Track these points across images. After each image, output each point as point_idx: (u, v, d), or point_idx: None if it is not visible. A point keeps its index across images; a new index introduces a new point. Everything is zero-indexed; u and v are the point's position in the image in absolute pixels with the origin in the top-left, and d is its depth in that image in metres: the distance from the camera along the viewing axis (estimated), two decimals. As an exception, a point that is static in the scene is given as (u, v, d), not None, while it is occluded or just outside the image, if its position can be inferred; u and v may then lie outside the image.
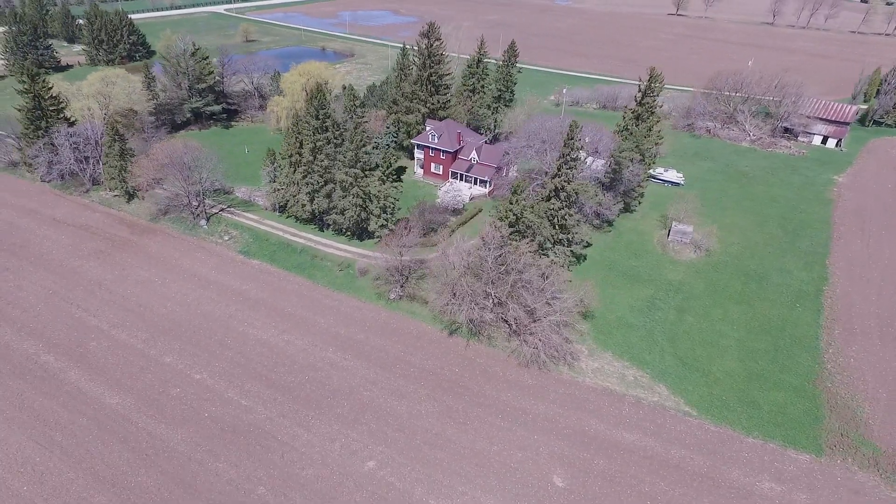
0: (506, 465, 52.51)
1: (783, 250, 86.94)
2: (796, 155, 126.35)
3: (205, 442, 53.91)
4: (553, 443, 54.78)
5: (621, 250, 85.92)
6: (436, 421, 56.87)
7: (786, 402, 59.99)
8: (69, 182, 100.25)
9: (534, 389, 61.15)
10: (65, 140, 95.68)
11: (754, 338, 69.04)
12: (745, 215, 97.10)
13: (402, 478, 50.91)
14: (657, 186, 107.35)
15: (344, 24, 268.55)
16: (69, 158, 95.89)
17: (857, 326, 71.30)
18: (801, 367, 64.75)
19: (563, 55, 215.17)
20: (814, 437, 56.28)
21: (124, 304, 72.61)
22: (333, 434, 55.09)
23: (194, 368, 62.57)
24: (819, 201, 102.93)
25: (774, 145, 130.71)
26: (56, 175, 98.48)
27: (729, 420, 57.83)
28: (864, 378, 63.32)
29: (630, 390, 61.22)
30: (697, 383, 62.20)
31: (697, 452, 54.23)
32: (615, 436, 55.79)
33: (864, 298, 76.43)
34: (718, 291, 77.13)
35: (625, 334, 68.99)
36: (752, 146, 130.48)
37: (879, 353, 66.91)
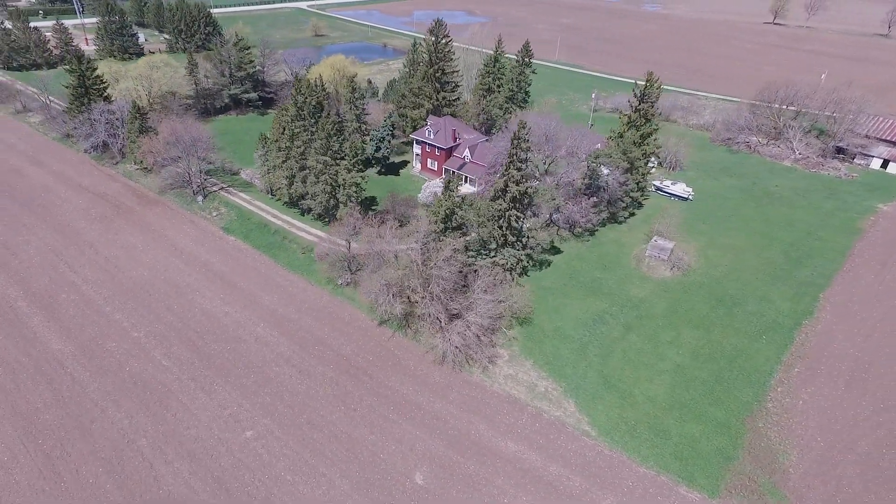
0: (375, 455, 52.72)
1: (775, 278, 79.36)
2: (843, 178, 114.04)
3: (115, 392, 58.57)
4: (432, 441, 54.20)
5: (592, 261, 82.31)
6: (328, 403, 58.05)
7: (700, 437, 55.27)
8: (103, 154, 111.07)
9: (438, 387, 60.63)
10: (100, 116, 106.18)
11: (698, 365, 63.97)
12: (749, 237, 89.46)
13: (272, 451, 52.64)
14: (662, 199, 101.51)
15: (421, 23, 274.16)
16: (101, 132, 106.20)
17: (823, 367, 63.96)
18: (737, 402, 59.25)
19: (627, 62, 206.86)
20: (716, 476, 51.56)
21: (104, 264, 79.86)
22: (229, 402, 57.84)
23: (136, 327, 67.86)
24: (845, 229, 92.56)
25: (821, 166, 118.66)
26: (91, 147, 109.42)
27: (627, 446, 54.29)
28: (806, 423, 56.91)
29: (535, 401, 59.04)
30: (611, 404, 58.79)
31: (578, 473, 51.49)
32: (498, 444, 54.19)
33: (847, 338, 68.28)
34: (679, 313, 71.99)
35: (556, 345, 66.38)
36: (794, 165, 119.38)
37: (838, 399, 59.73)
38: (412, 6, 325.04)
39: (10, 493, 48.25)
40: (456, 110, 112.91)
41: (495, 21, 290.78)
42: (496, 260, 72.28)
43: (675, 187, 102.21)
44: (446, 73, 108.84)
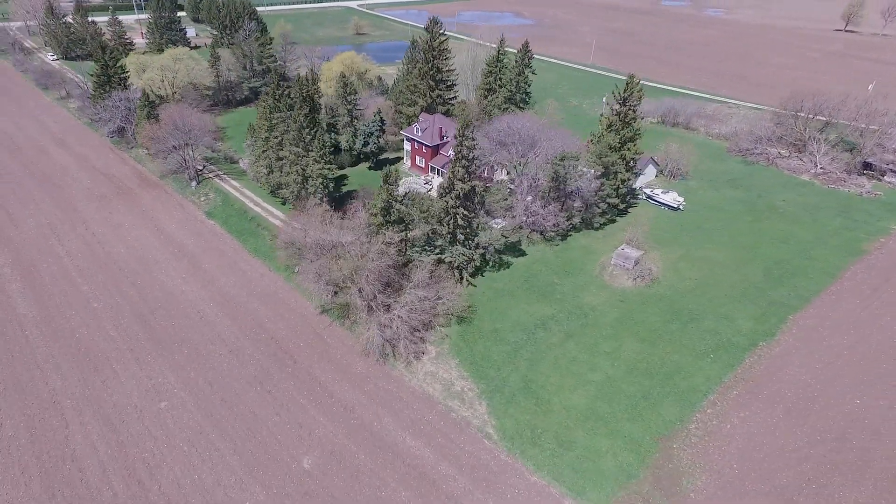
0: (273, 436, 54.06)
1: (745, 295, 74.80)
2: (864, 196, 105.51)
3: (59, 356, 62.92)
4: (332, 429, 54.97)
5: (553, 265, 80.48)
6: (246, 383, 59.96)
7: (606, 452, 53.16)
8: (121, 139, 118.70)
9: (356, 378, 61.34)
10: (118, 103, 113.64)
11: (630, 379, 61.40)
12: (731, 251, 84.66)
13: (178, 422, 55.05)
14: (652, 208, 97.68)
15: (465, 24, 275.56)
16: (118, 118, 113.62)
17: (766, 392, 59.86)
18: (658, 420, 56.50)
19: (672, 67, 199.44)
20: (609, 493, 49.50)
21: (90, 240, 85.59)
22: (156, 374, 60.88)
23: (97, 299, 72.49)
24: (844, 249, 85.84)
25: (843, 182, 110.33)
26: (110, 132, 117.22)
27: (526, 454, 53.01)
28: (726, 448, 53.58)
29: (447, 400, 58.65)
30: (524, 410, 57.51)
31: (466, 475, 50.82)
32: (397, 438, 54.27)
33: (803, 364, 63.54)
34: (627, 325, 69.24)
35: (488, 347, 65.53)
36: (812, 180, 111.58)
37: (771, 427, 55.80)
38: (460, 7, 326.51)
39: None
40: (452, 109, 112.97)
41: (540, 23, 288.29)
42: (443, 257, 72.00)
43: (666, 196, 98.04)
44: (441, 70, 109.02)
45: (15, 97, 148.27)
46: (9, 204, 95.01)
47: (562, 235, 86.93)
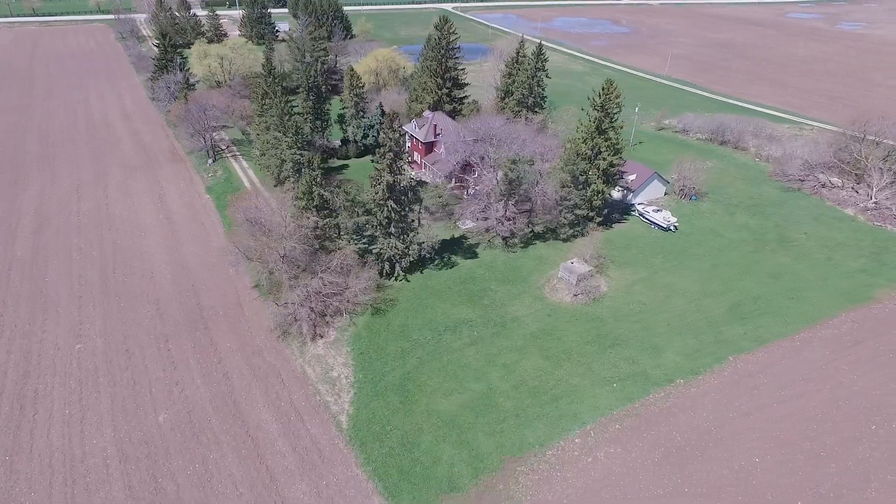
0: (149, 388, 58.35)
1: (691, 329, 67.82)
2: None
3: (24, 295, 72.29)
4: (202, 392, 58.10)
5: (498, 271, 78.13)
6: (154, 340, 65.11)
7: (445, 460, 51.32)
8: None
9: (250, 350, 64.22)
10: (169, 84, 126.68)
11: (512, 394, 58.40)
12: (703, 281, 76.93)
13: (80, 364, 61.17)
14: (642, 226, 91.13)
15: (554, 29, 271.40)
16: (167, 98, 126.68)
17: (653, 432, 54.22)
18: (518, 440, 53.36)
19: (762, 84, 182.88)
20: (425, 500, 47.88)
21: (101, 202, 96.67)
22: (87, 320, 67.99)
23: (80, 251, 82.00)
24: (846, 295, 74.60)
25: (895, 221, 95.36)
26: (164, 111, 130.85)
27: (365, 447, 52.62)
28: (573, 480, 49.60)
29: (319, 384, 59.69)
30: (386, 405, 56.98)
31: (296, 456, 51.65)
32: (253, 410, 56.31)
33: (712, 411, 56.64)
34: (540, 340, 65.72)
35: (388, 341, 65.48)
36: (857, 215, 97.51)
37: (638, 467, 50.61)
38: (556, 13, 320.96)
39: None
40: (462, 108, 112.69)
41: (635, 32, 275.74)
42: (371, 248, 72.80)
43: (656, 215, 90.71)
44: (449, 69, 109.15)
45: (112, 76, 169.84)
46: (58, 164, 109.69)
47: (524, 243, 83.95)
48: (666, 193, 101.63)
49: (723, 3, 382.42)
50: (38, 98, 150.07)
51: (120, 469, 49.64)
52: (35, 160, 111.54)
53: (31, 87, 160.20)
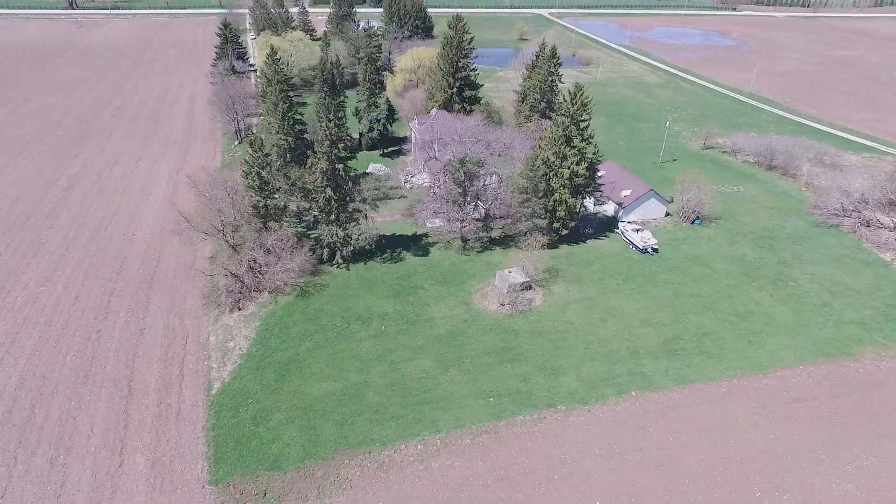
0: (73, 331, 65.00)
1: (607, 357, 62.71)
2: (952, 297, 76.18)
3: (20, 241, 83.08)
4: (108, 344, 63.47)
5: (440, 272, 77.22)
6: (103, 293, 72.19)
7: (285, 441, 52.15)
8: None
9: (175, 314, 69.02)
10: (221, 71, 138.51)
11: (385, 390, 57.72)
12: (653, 310, 70.68)
13: (35, 307, 68.87)
14: (621, 245, 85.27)
15: (647, 39, 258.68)
16: (220, 82, 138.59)
17: (494, 452, 51.18)
18: (363, 435, 52.76)
19: (870, 109, 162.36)
20: (247, 472, 49.24)
21: (128, 170, 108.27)
22: (60, 269, 76.74)
23: (86, 211, 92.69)
24: (817, 346, 65.00)
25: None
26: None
27: (217, 418, 54.78)
28: (366, 484, 48.40)
29: (213, 351, 62.89)
30: (260, 379, 58.83)
31: (150, 415, 55.04)
32: (140, 367, 60.31)
33: (575, 444, 52.23)
34: (441, 345, 64.10)
35: (297, 322, 67.32)
36: (894, 261, 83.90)
37: (453, 476, 48.21)
38: (659, 22, 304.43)
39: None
40: (473, 108, 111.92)
41: (742, 45, 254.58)
42: (309, 233, 75.23)
43: (634, 235, 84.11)
44: (460, 69, 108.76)
45: (200, 63, 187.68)
46: (114, 136, 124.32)
47: (482, 247, 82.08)
48: (668, 214, 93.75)
49: (861, 16, 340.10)
50: (132, 78, 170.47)
51: (10, 395, 56.11)
52: (98, 131, 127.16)
53: (133, 69, 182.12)
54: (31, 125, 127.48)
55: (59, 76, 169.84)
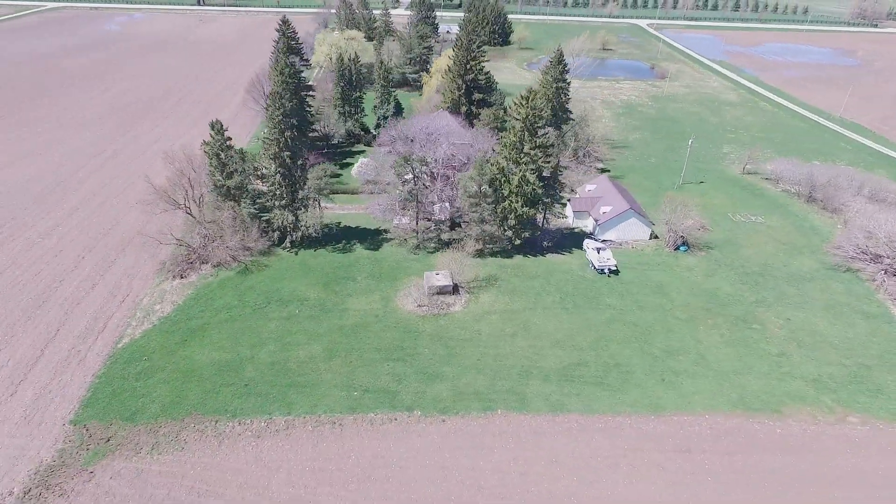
0: (39, 280, 74.37)
1: (497, 373, 60.34)
2: (959, 369, 63.89)
3: (51, 196, 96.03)
4: (69, 292, 71.67)
5: (380, 268, 78.06)
6: (83, 254, 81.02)
7: (154, 398, 56.16)
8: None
9: (128, 276, 75.85)
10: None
11: (265, 369, 59.99)
12: (574, 332, 66.68)
13: (27, 256, 79.30)
14: (581, 262, 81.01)
15: (747, 54, 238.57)
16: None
17: (321, 434, 51.46)
18: (222, 404, 55.47)
19: None
20: (107, 419, 53.92)
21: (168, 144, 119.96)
22: (61, 226, 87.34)
23: (112, 179, 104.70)
24: (736, 395, 57.94)
25: (953, 340, 68.10)
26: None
27: (109, 368, 59.74)
28: (218, 443, 50.66)
29: (138, 311, 68.62)
30: (163, 344, 63.05)
31: (58, 356, 61.20)
32: (76, 313, 67.55)
33: (384, 445, 50.99)
34: (340, 334, 65.24)
35: (224, 296, 71.33)
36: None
37: (277, 454, 49.27)
38: (771, 38, 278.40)
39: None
40: (481, 111, 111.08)
41: (864, 66, 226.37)
42: (261, 215, 79.52)
43: (595, 254, 79.07)
44: (468, 71, 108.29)
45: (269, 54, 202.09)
46: (169, 119, 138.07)
47: (435, 247, 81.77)
48: (655, 237, 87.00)
49: None
50: (214, 69, 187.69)
51: (-34, 321, 65.65)
52: (159, 112, 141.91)
53: (223, 60, 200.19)
54: (107, 104, 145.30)
55: (157, 63, 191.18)
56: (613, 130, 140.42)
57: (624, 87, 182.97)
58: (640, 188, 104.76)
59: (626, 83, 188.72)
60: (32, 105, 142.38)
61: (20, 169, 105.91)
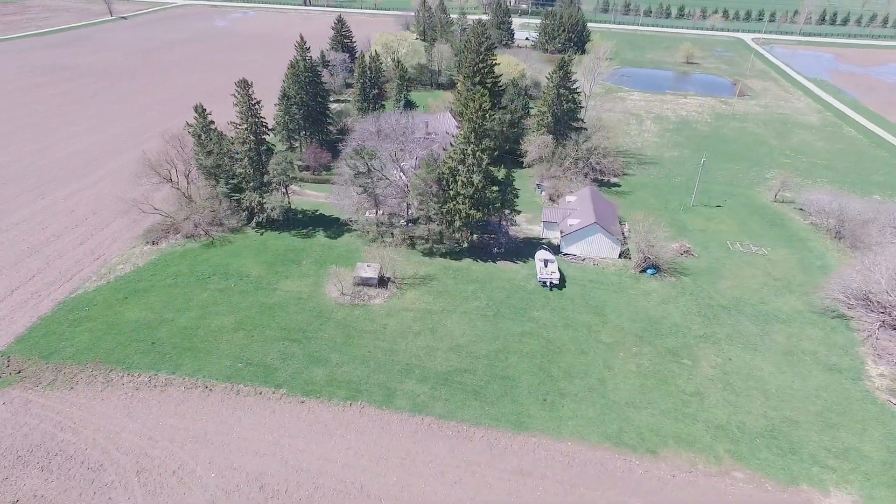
0: (45, 230, 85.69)
1: (383, 367, 60.57)
2: (915, 444, 54.57)
3: (77, 158, 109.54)
4: (67, 242, 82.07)
5: (329, 254, 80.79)
6: (88, 217, 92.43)
7: (77, 344, 63.02)
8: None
9: (114, 239, 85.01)
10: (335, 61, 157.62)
11: (176, 332, 64.64)
12: (468, 340, 65.10)
13: (46, 212, 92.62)
14: (529, 273, 78.71)
15: (861, 75, 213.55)
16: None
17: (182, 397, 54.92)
18: (126, 357, 61.02)
19: None
20: (30, 355, 61.53)
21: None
22: (84, 190, 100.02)
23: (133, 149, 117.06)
24: (606, 427, 53.63)
25: (925, 410, 58.17)
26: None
27: (56, 314, 67.49)
28: (124, 392, 56.13)
29: (104, 268, 76.84)
30: (107, 298, 69.98)
31: (17, 298, 70.36)
32: (55, 259, 77.16)
33: (207, 413, 53.08)
34: (258, 311, 68.51)
35: (181, 264, 77.68)
36: (881, 375, 62.69)
37: (149, 405, 53.61)
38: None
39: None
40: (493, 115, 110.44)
41: None
42: (231, 195, 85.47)
43: (541, 265, 76.05)
44: (475, 73, 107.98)
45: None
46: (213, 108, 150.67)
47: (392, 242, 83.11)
48: (624, 256, 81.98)
49: None
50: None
51: (-31, 260, 77.36)
52: (217, 101, 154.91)
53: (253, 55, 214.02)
54: (182, 90, 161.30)
55: (243, 56, 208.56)
56: (652, 146, 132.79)
57: (689, 103, 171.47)
58: (642, 206, 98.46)
59: (695, 98, 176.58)
60: (126, 85, 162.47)
61: (85, 137, 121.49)
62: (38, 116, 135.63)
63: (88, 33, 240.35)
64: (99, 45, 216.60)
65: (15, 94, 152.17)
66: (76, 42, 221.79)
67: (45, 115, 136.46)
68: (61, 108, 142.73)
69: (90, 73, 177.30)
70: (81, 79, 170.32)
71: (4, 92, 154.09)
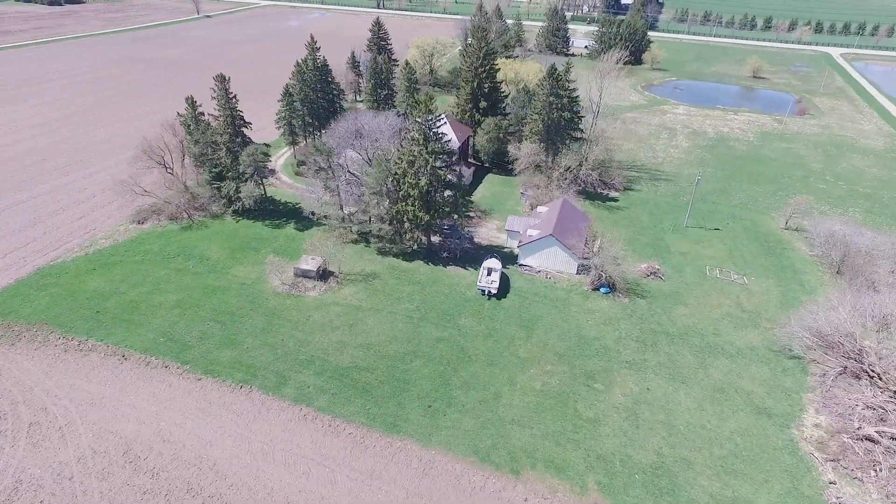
0: (40, 197, 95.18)
1: (294, 358, 62.27)
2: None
3: (83, 139, 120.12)
4: (63, 218, 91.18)
5: (290, 247, 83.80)
6: (90, 195, 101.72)
7: (35, 303, 70.25)
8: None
9: (105, 217, 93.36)
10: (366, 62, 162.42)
11: (124, 305, 69.84)
12: (396, 341, 65.32)
13: (53, 199, 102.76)
14: (473, 279, 77.93)
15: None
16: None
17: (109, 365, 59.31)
18: (76, 324, 66.88)
19: None
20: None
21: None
22: (82, 167, 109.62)
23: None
24: (475, 441, 52.34)
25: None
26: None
27: (35, 279, 75.73)
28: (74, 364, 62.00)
29: (88, 242, 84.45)
30: (79, 267, 77.08)
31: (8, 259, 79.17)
32: (51, 227, 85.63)
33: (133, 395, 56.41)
34: (200, 293, 72.44)
35: (156, 244, 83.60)
36: (809, 431, 56.93)
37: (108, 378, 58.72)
38: None
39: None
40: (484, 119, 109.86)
41: None
42: (213, 183, 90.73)
43: (484, 273, 74.76)
44: (474, 78, 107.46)
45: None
46: (264, 102, 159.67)
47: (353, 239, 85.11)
48: (581, 272, 78.91)
49: None
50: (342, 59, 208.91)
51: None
52: (260, 98, 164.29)
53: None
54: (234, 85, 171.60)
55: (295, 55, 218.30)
56: (674, 162, 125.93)
57: (737, 119, 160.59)
58: (630, 224, 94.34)
59: (745, 115, 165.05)
60: (189, 77, 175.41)
61: (128, 123, 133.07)
62: (96, 102, 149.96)
63: (172, 30, 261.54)
64: (178, 41, 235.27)
65: (85, 83, 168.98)
66: (158, 37, 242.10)
67: (103, 102, 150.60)
68: (120, 96, 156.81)
69: (161, 65, 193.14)
70: (151, 70, 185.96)
71: (79, 81, 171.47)
